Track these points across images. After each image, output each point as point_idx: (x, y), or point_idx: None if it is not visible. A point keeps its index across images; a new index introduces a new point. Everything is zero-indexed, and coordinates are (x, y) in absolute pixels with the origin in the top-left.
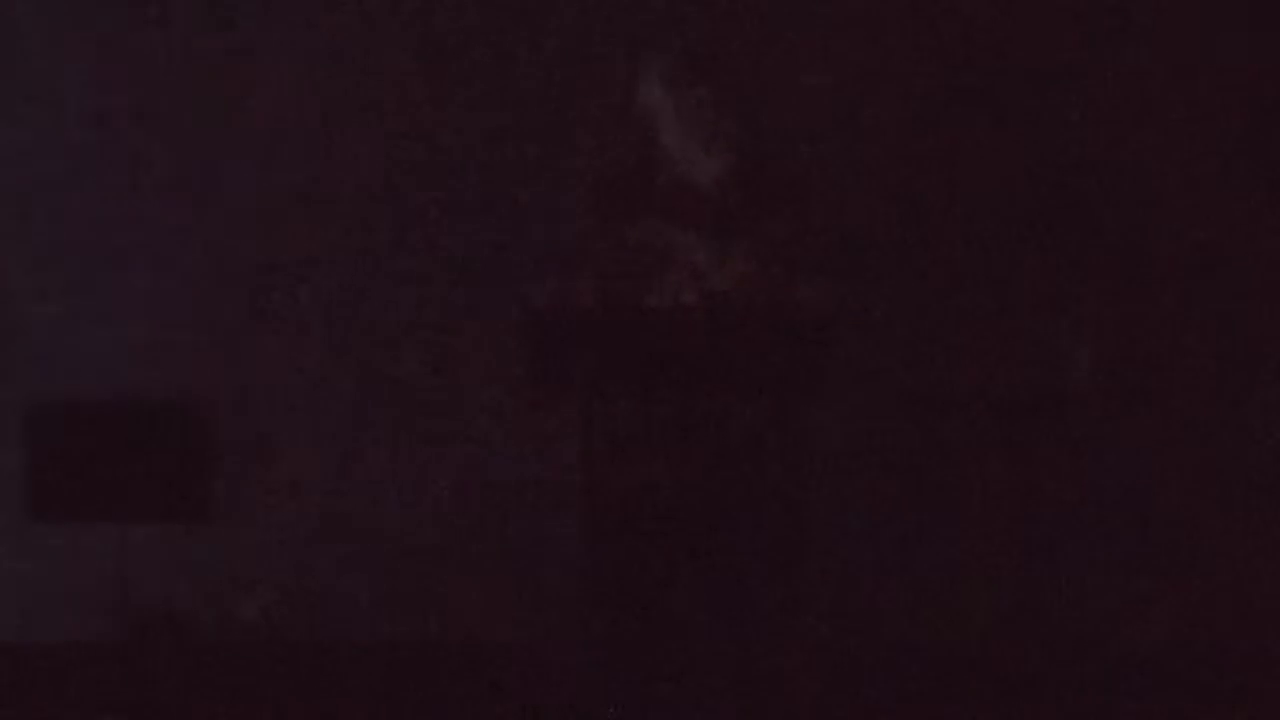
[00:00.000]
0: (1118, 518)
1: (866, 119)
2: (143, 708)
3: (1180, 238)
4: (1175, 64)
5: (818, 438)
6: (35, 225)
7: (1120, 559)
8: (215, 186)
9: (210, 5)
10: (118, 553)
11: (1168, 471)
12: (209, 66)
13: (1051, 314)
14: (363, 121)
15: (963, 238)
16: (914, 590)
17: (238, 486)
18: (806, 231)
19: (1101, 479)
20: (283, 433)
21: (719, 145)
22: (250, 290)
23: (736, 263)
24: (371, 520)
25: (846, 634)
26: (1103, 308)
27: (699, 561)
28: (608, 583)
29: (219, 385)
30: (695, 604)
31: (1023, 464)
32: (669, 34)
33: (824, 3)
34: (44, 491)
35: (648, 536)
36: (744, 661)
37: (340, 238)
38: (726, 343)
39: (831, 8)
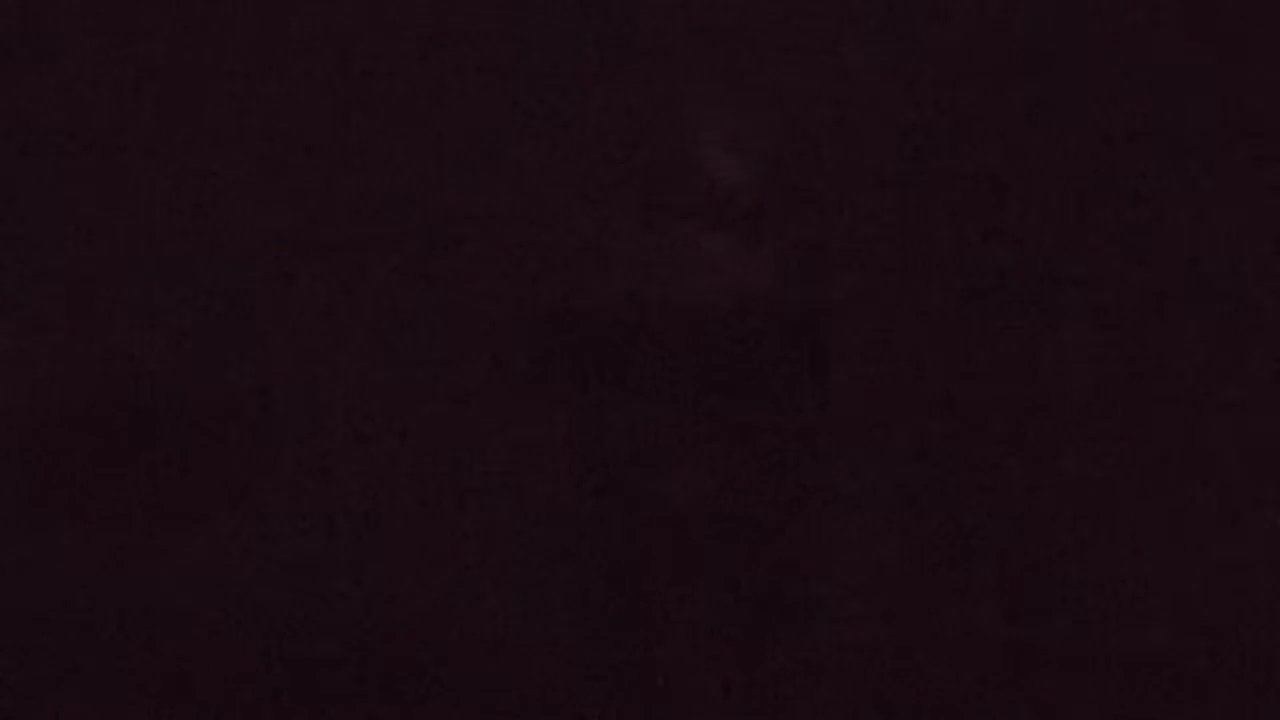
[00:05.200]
0: (1122, 518)
1: (871, 120)
2: (143, 706)
3: (1186, 238)
4: (1180, 63)
5: (822, 437)
6: (35, 225)
7: (1124, 558)
8: (216, 187)
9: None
10: (118, 552)
11: (1170, 471)
12: (209, 66)
13: (1058, 315)
14: (366, 120)
15: (973, 240)
16: (919, 591)
17: (238, 486)
18: (819, 233)
19: (1107, 479)
20: (283, 432)
21: (738, 145)
22: (251, 290)
23: (746, 263)
24: (372, 520)
25: (849, 635)
26: (1109, 308)
27: (700, 560)
28: (609, 583)
29: (220, 385)
30: (697, 604)
31: (1029, 464)
32: (696, 37)
33: (844, 6)
34: (44, 491)
35: (648, 536)
36: (745, 662)
37: (342, 238)
38: (731, 342)
39: (851, 11)
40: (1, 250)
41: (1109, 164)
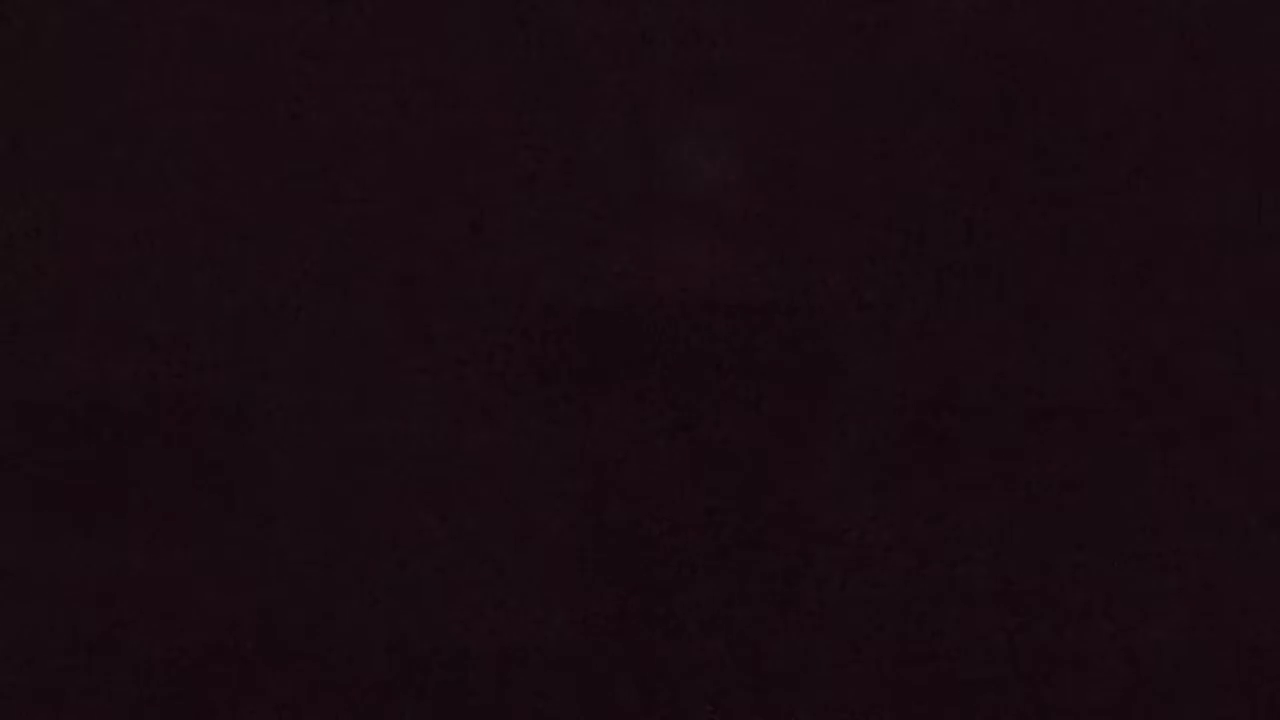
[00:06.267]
0: (1121, 520)
1: (867, 119)
2: (143, 707)
3: (1185, 237)
4: (1178, 60)
5: (819, 438)
6: (33, 226)
7: (1124, 561)
8: (216, 188)
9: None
10: (119, 553)
11: (1171, 471)
12: (207, 66)
13: (1056, 315)
14: (366, 121)
15: (968, 237)
16: (915, 593)
17: (239, 487)
18: (810, 233)
19: (1105, 481)
20: (284, 432)
21: (724, 152)
22: (251, 290)
23: (739, 264)
24: (372, 520)
25: (847, 634)
26: (1107, 309)
27: (700, 561)
28: (608, 583)
29: (220, 385)
30: (696, 603)
31: (1027, 465)
32: (677, 44)
33: (825, 7)
34: (44, 491)
35: (648, 536)
36: (745, 662)
37: (342, 238)
38: (727, 343)
39: (832, 12)
40: (1, 251)
41: (1106, 159)
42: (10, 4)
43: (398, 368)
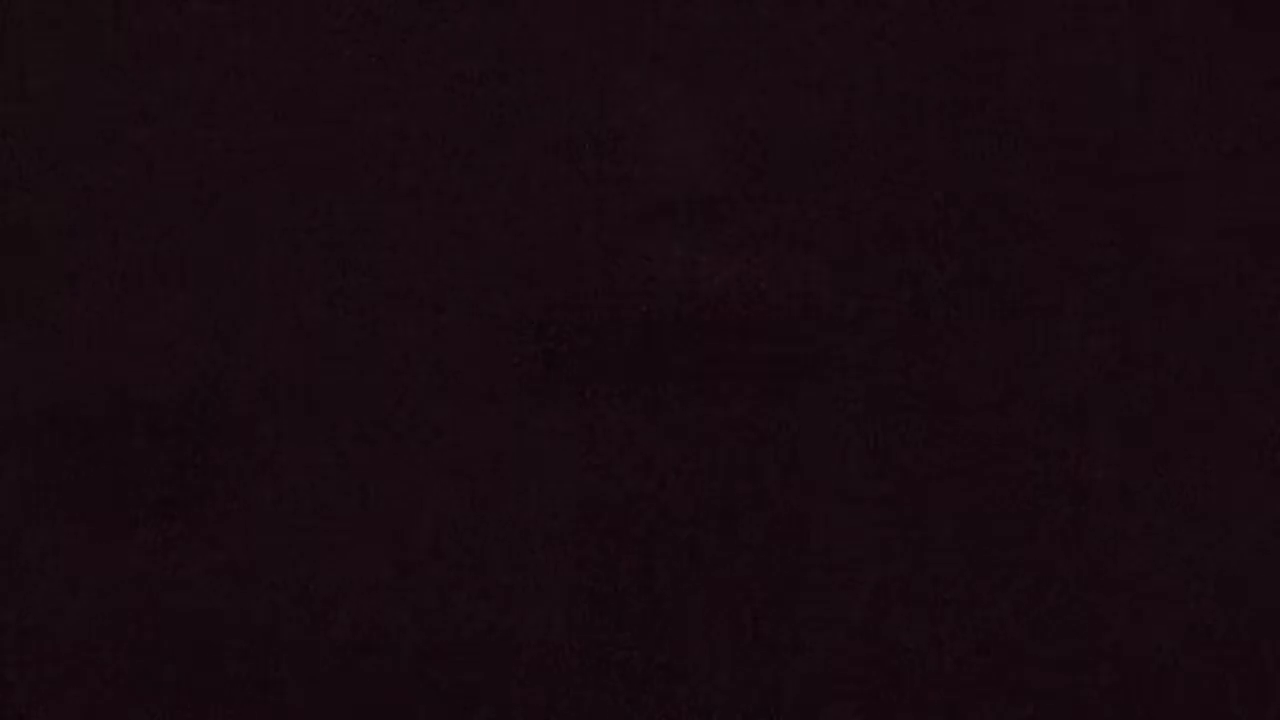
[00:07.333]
0: (1123, 518)
1: (859, 113)
2: (143, 707)
3: (1188, 236)
4: (1177, 62)
5: (815, 436)
6: (33, 225)
7: (1125, 558)
8: (215, 187)
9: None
10: (118, 553)
11: (1171, 471)
12: (203, 62)
13: (1052, 311)
14: (362, 123)
15: (961, 232)
16: (912, 592)
17: (238, 486)
18: (800, 229)
19: (1104, 480)
20: (282, 432)
21: (705, 146)
22: (250, 290)
23: (729, 263)
24: (371, 520)
25: (844, 636)
26: (1103, 306)
27: (698, 562)
28: (607, 583)
29: (218, 385)
30: (694, 604)
31: (1022, 463)
32: (652, 39)
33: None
34: (44, 492)
35: (647, 537)
36: (743, 663)
37: (341, 239)
38: (723, 343)
39: (818, 3)
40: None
41: (1101, 154)
42: (11, 4)
43: (396, 368)
